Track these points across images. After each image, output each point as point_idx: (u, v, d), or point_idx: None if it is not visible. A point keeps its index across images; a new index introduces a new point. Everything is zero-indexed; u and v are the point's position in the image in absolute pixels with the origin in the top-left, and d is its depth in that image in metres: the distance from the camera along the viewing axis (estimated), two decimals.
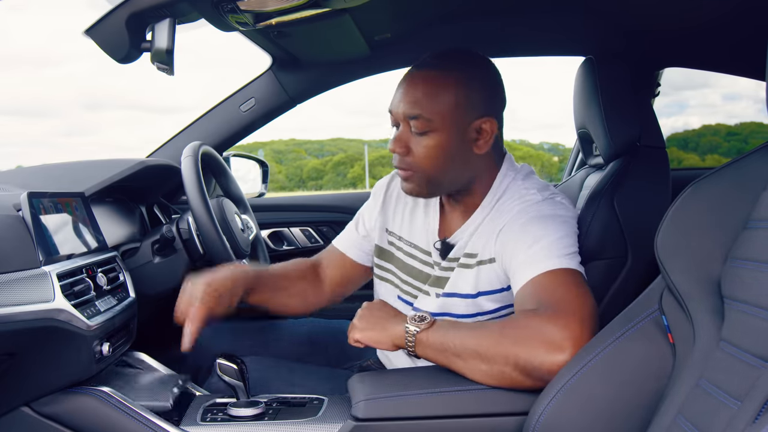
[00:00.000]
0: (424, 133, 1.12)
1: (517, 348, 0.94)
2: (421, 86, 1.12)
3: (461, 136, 1.13)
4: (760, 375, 0.65)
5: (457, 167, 1.15)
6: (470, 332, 0.99)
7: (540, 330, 0.95)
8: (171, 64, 0.93)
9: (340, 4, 1.00)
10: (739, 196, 0.79)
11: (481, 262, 1.15)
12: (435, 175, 1.15)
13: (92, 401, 1.07)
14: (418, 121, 1.11)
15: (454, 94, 1.12)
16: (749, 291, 0.71)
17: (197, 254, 1.44)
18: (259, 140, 13.91)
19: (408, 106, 1.12)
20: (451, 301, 1.18)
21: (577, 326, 0.94)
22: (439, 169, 1.14)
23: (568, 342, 0.93)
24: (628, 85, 1.35)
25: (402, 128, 1.15)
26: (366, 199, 1.43)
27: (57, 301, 1.00)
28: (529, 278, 1.04)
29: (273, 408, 1.08)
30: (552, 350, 0.93)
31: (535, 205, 1.13)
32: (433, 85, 1.12)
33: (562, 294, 0.99)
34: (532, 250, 1.06)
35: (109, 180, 1.38)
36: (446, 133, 1.12)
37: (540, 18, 1.57)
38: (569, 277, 1.03)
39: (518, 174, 1.20)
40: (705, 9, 1.34)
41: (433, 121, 1.11)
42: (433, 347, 1.01)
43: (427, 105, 1.11)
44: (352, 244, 1.39)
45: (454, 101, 1.11)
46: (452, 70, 1.13)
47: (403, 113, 1.13)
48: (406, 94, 1.13)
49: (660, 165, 1.30)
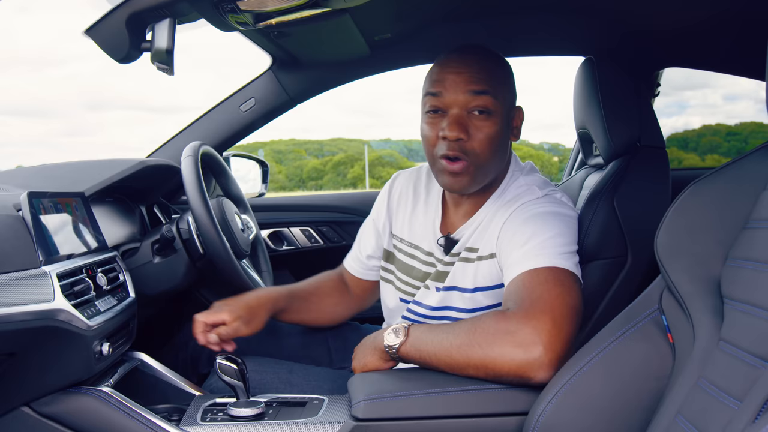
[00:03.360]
0: (488, 114, 1.10)
1: (486, 352, 0.95)
2: (484, 65, 1.11)
3: (507, 124, 1.15)
4: (759, 375, 0.65)
5: (501, 157, 1.16)
6: (443, 340, 1.00)
7: (509, 331, 0.95)
8: (171, 64, 0.93)
9: (340, 4, 1.00)
10: (739, 196, 0.79)
11: (482, 257, 1.16)
12: (487, 164, 1.13)
13: (92, 401, 1.06)
14: (486, 97, 1.09)
15: (506, 79, 1.15)
16: (749, 291, 0.71)
17: (197, 254, 1.44)
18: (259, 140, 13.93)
19: (475, 84, 1.09)
20: (451, 294, 1.19)
21: (548, 326, 0.94)
22: (492, 157, 1.13)
23: (538, 343, 0.93)
24: (628, 85, 1.35)
25: (458, 112, 1.11)
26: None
27: (57, 301, 1.00)
28: (515, 275, 1.05)
29: (273, 408, 1.08)
30: (521, 352, 0.93)
31: (535, 202, 1.14)
32: (493, 67, 1.13)
33: (541, 293, 0.99)
34: (525, 248, 1.06)
35: (109, 180, 1.38)
36: (501, 119, 1.13)
37: (540, 18, 1.57)
38: (553, 275, 1.02)
39: (522, 171, 1.22)
40: (705, 8, 1.34)
41: (498, 101, 1.11)
42: (414, 358, 1.04)
43: (493, 83, 1.11)
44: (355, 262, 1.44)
45: (507, 86, 1.14)
46: (500, 61, 1.16)
47: (469, 90, 1.09)
48: (467, 73, 1.10)
49: (660, 165, 1.30)
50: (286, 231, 2.10)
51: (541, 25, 1.60)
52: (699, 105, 18.90)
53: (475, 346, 0.96)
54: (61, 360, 1.04)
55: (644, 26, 1.52)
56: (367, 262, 1.41)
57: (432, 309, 1.22)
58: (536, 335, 0.93)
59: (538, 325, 0.94)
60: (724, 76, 1.76)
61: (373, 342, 1.10)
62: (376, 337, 1.11)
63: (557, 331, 0.94)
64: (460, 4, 1.51)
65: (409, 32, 1.63)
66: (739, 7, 1.29)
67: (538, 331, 0.93)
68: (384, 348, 1.05)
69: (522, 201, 1.15)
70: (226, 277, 1.36)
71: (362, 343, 1.15)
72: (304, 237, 2.11)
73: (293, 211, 2.14)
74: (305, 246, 2.11)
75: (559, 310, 0.96)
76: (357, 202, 2.12)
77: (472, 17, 1.58)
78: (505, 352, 0.94)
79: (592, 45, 1.64)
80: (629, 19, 1.50)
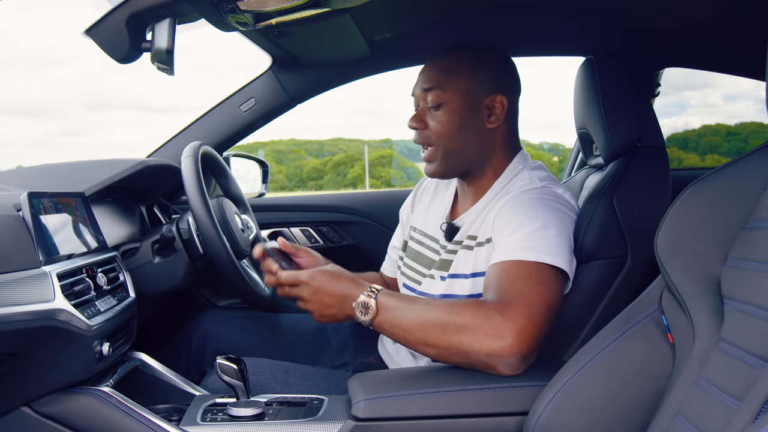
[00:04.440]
0: (438, 106, 1.21)
1: (460, 335, 0.97)
2: (436, 66, 1.24)
3: (473, 111, 1.21)
4: (759, 375, 0.65)
5: (470, 140, 1.22)
6: (417, 314, 1.01)
7: (486, 319, 0.97)
8: (171, 64, 0.93)
9: (340, 4, 1.00)
10: (739, 196, 0.79)
11: (480, 243, 1.18)
12: (451, 148, 1.22)
13: (92, 401, 1.07)
14: (433, 92, 1.21)
15: (465, 71, 1.21)
16: (749, 291, 0.71)
17: (197, 254, 1.44)
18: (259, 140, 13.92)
19: (423, 82, 1.23)
20: (454, 283, 1.21)
21: (523, 320, 0.97)
22: (453, 140, 1.22)
23: (510, 333, 0.95)
24: (628, 85, 1.35)
25: (420, 106, 1.25)
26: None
27: (57, 301, 1.00)
28: (499, 261, 1.07)
29: (273, 408, 1.08)
30: (493, 341, 0.96)
31: (530, 192, 1.17)
32: (447, 65, 1.23)
33: (521, 288, 1.01)
34: (513, 236, 1.08)
35: (109, 180, 1.38)
36: (457, 105, 1.21)
37: (540, 18, 1.57)
38: (537, 271, 1.04)
39: (528, 166, 1.25)
40: (704, 8, 1.34)
41: (446, 92, 1.21)
42: (386, 330, 1.04)
43: (440, 79, 1.22)
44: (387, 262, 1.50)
45: (464, 76, 1.21)
46: (463, 55, 1.23)
47: (420, 88, 1.24)
48: (423, 74, 1.25)
49: (660, 165, 1.30)
50: (286, 231, 2.10)
51: (541, 26, 1.60)
52: (699, 105, 18.88)
53: (450, 326, 0.98)
54: (61, 360, 1.04)
55: (644, 26, 1.52)
56: (396, 259, 1.46)
57: (439, 298, 1.23)
58: (511, 329, 0.96)
59: (514, 318, 0.97)
60: (724, 76, 1.76)
61: (341, 305, 1.05)
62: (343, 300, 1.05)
63: (531, 328, 0.97)
64: (460, 5, 1.51)
65: (409, 32, 1.63)
66: (739, 7, 1.29)
67: (514, 324, 0.96)
68: (355, 317, 1.04)
69: (519, 190, 1.18)
70: (226, 277, 1.36)
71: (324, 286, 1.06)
72: (304, 237, 2.10)
73: (293, 211, 2.14)
74: (305, 246, 2.11)
75: (536, 308, 0.99)
76: (357, 202, 2.12)
77: (472, 17, 1.58)
78: (478, 338, 0.96)
79: (592, 45, 1.64)
80: (629, 19, 1.50)
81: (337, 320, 1.07)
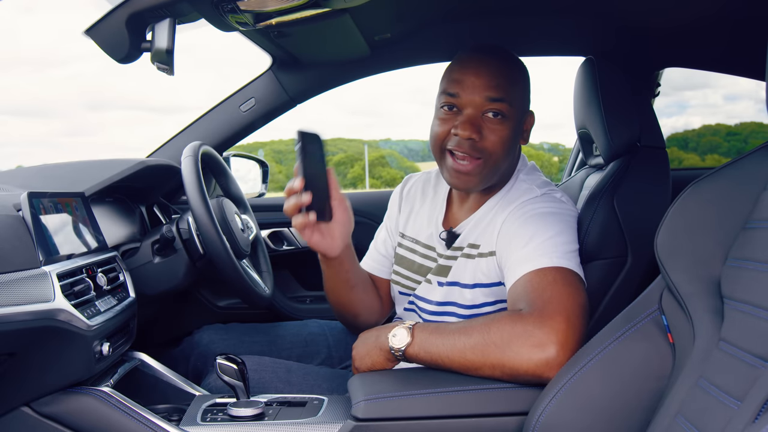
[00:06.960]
0: (503, 117, 1.14)
1: (503, 354, 0.96)
2: (504, 72, 1.15)
3: (519, 127, 1.18)
4: (759, 375, 0.65)
5: (509, 159, 1.19)
6: (455, 341, 1.00)
7: (525, 333, 0.96)
8: (171, 64, 0.93)
9: (340, 4, 1.00)
10: (739, 196, 0.79)
11: (482, 254, 1.17)
12: (499, 164, 1.17)
13: (92, 401, 1.06)
14: (502, 104, 1.13)
15: (523, 85, 1.18)
16: (749, 291, 0.71)
17: (197, 254, 1.44)
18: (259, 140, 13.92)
19: (492, 90, 1.13)
20: (454, 290, 1.20)
21: (563, 326, 0.96)
22: (502, 158, 1.16)
23: (553, 343, 0.94)
24: (628, 85, 1.35)
25: (473, 113, 1.14)
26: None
27: (57, 301, 1.00)
28: (521, 275, 1.06)
29: (273, 408, 1.08)
30: (538, 352, 0.94)
31: (533, 201, 1.16)
32: (512, 73, 1.17)
33: (551, 294, 1.00)
34: (527, 248, 1.07)
35: (109, 180, 1.38)
36: (514, 122, 1.16)
37: (540, 18, 1.57)
38: (560, 275, 1.04)
39: (524, 171, 1.24)
40: (704, 7, 1.34)
41: (513, 107, 1.15)
42: (423, 359, 1.03)
43: (510, 90, 1.14)
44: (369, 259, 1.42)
45: (523, 91, 1.18)
46: (518, 62, 1.19)
47: (486, 96, 1.13)
48: (486, 77, 1.13)
49: (660, 165, 1.30)
50: (286, 231, 2.09)
51: (540, 26, 1.60)
52: (699, 105, 18.87)
53: (491, 346, 0.97)
54: (61, 360, 1.04)
55: (644, 26, 1.52)
56: (378, 257, 1.40)
57: (437, 304, 1.23)
58: (552, 335, 0.95)
59: (553, 325, 0.96)
60: (724, 76, 1.76)
61: (376, 342, 1.08)
62: (378, 336, 1.09)
63: (572, 331, 0.96)
64: (460, 5, 1.51)
65: (409, 32, 1.64)
66: (737, 6, 1.29)
67: (555, 331, 0.95)
68: (389, 349, 1.05)
69: (520, 200, 1.17)
70: (226, 277, 1.36)
71: (362, 341, 1.12)
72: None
73: None
74: (305, 246, 2.11)
75: (571, 309, 0.98)
76: (357, 202, 2.11)
77: (472, 17, 1.58)
78: (522, 352, 0.95)
79: (592, 45, 1.64)
80: (629, 19, 1.50)
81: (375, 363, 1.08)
